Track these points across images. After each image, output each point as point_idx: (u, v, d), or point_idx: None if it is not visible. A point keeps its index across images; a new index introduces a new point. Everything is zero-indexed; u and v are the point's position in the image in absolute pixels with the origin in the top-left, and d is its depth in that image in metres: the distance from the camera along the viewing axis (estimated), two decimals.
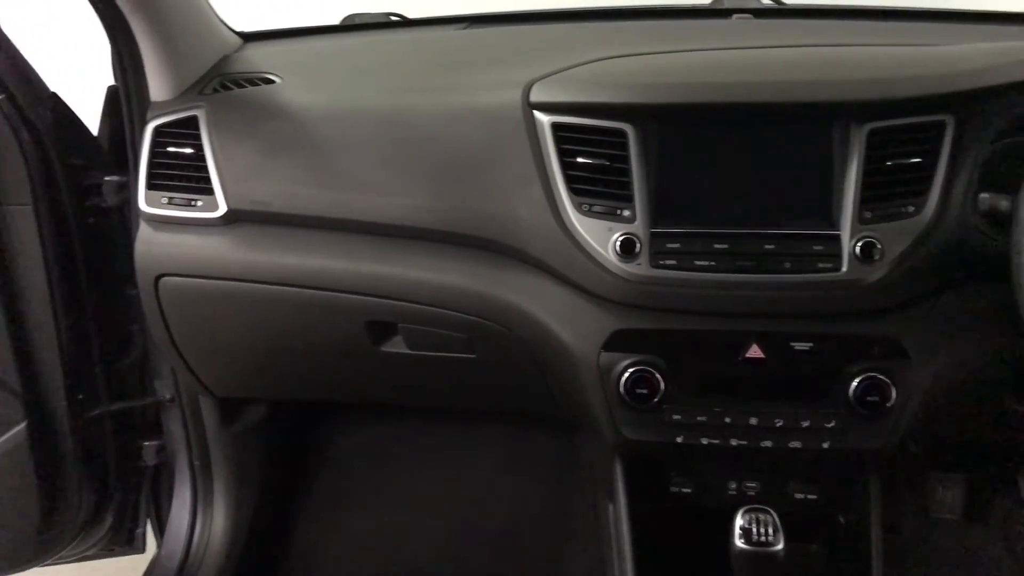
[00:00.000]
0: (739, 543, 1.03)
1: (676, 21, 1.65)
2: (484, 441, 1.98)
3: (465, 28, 1.64)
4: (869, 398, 1.16)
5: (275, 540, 1.88)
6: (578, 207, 1.20)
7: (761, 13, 1.62)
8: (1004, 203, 1.07)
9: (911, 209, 1.15)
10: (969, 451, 1.76)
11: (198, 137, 1.35)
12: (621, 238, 1.17)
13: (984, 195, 1.10)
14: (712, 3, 1.69)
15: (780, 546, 1.02)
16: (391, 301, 1.32)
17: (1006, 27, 1.54)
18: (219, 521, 1.75)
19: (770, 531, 1.03)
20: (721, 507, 1.22)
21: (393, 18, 1.75)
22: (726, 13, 1.60)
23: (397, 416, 1.99)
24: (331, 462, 1.97)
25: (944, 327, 1.19)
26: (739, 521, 1.04)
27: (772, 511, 1.04)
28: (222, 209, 1.34)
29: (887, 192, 1.16)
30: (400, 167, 1.30)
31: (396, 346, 1.39)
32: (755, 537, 1.03)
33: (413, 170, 1.29)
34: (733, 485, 1.32)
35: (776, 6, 1.67)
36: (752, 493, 1.31)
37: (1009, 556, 1.80)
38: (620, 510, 1.31)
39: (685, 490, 1.33)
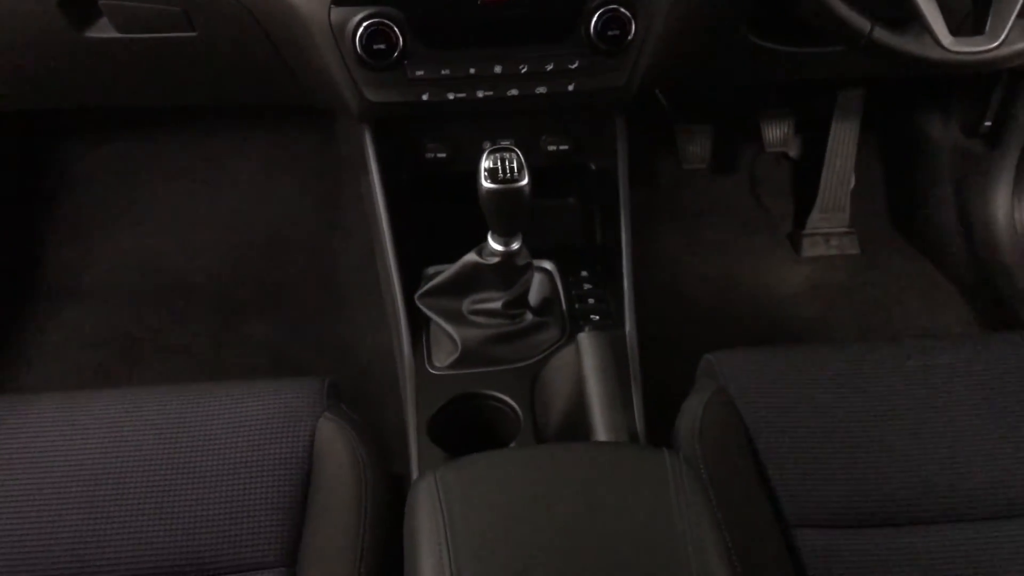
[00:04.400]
0: (486, 184, 1.02)
1: None
2: (239, 147, 1.88)
3: None
4: (610, 32, 1.14)
5: (24, 271, 1.74)
6: None
7: None
8: None
9: None
10: (715, 101, 1.83)
11: None
12: None
13: None
14: None
15: (525, 182, 1.02)
16: None
17: None
18: None
19: (515, 167, 1.01)
20: (475, 168, 1.20)
21: None
22: None
23: (140, 129, 1.83)
24: (74, 184, 1.82)
25: None
26: (484, 163, 1.02)
27: (516, 150, 1.03)
28: None
29: None
30: None
31: (103, 30, 1.21)
32: (500, 175, 1.01)
33: None
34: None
35: None
36: None
37: (752, 198, 1.94)
38: (373, 179, 1.27)
39: (440, 155, 1.30)
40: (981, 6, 1.01)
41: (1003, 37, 0.99)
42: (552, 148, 1.30)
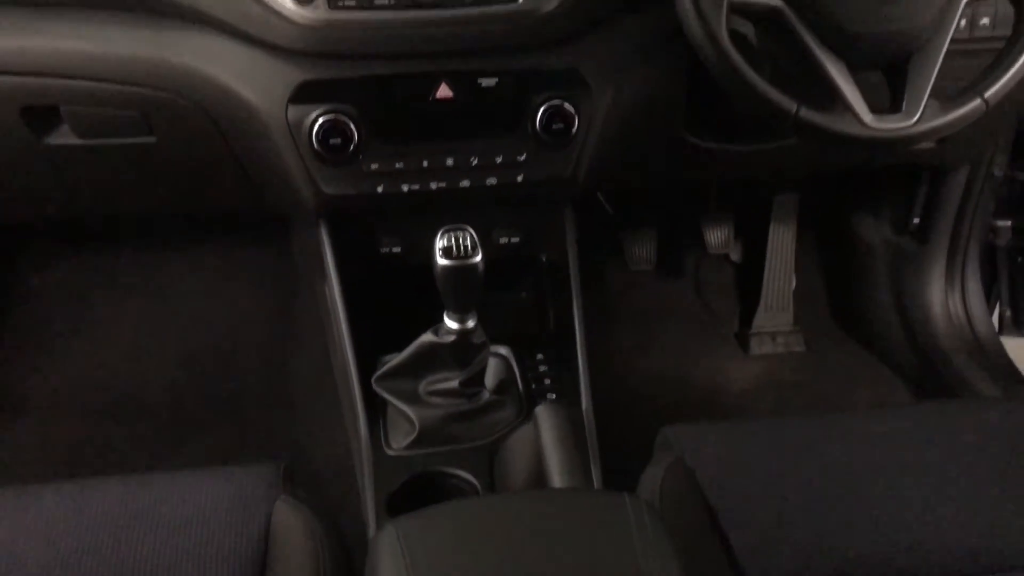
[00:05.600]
0: (441, 261, 1.05)
1: None
2: (191, 261, 1.89)
3: None
4: (554, 126, 1.20)
5: None
6: None
7: None
8: None
9: None
10: (657, 205, 1.91)
11: None
12: None
13: None
14: None
15: (479, 258, 1.05)
16: (47, 79, 1.18)
17: None
18: None
19: (468, 245, 1.05)
20: (429, 262, 1.23)
21: None
22: None
23: (91, 244, 1.84)
24: (23, 300, 1.81)
25: (619, 54, 1.24)
26: (439, 242, 1.06)
27: (470, 228, 1.07)
28: None
29: None
30: None
31: (64, 136, 1.25)
32: (455, 252, 1.05)
33: None
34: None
35: None
36: None
37: (699, 299, 2.00)
38: (329, 273, 1.29)
39: (395, 250, 1.34)
40: (897, 89, 1.09)
41: (919, 115, 1.07)
42: (504, 241, 1.35)
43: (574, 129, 1.21)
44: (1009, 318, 1.91)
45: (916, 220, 1.78)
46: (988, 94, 1.08)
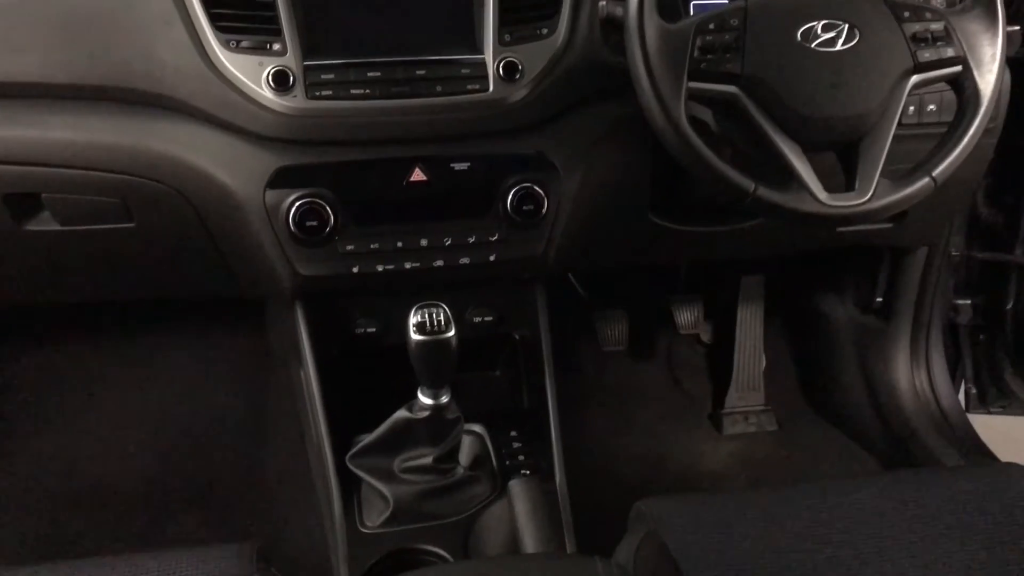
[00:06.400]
0: (415, 336, 1.07)
1: None
2: (166, 348, 1.89)
3: None
4: (525, 207, 1.25)
5: None
6: (225, 44, 1.16)
7: None
8: (618, 9, 1.17)
9: (545, 31, 1.23)
10: (627, 287, 1.95)
11: None
12: (274, 70, 1.15)
13: (602, 3, 1.20)
14: None
15: (452, 333, 1.08)
16: (29, 167, 1.21)
17: None
18: None
19: (442, 320, 1.07)
20: (404, 341, 1.25)
21: None
22: None
23: (66, 333, 1.84)
24: None
25: (586, 140, 1.29)
26: (413, 319, 1.08)
27: (443, 304, 1.10)
28: None
29: (523, 16, 1.22)
30: (25, 18, 1.19)
31: (44, 223, 1.27)
32: (428, 328, 1.07)
33: (40, 20, 1.19)
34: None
35: None
36: None
37: (671, 379, 2.02)
38: (304, 355, 1.31)
39: (370, 330, 1.36)
40: (850, 169, 1.15)
41: (871, 193, 1.12)
42: (478, 320, 1.38)
43: (544, 210, 1.26)
44: (975, 395, 1.95)
45: (879, 299, 1.83)
46: (936, 172, 1.14)
